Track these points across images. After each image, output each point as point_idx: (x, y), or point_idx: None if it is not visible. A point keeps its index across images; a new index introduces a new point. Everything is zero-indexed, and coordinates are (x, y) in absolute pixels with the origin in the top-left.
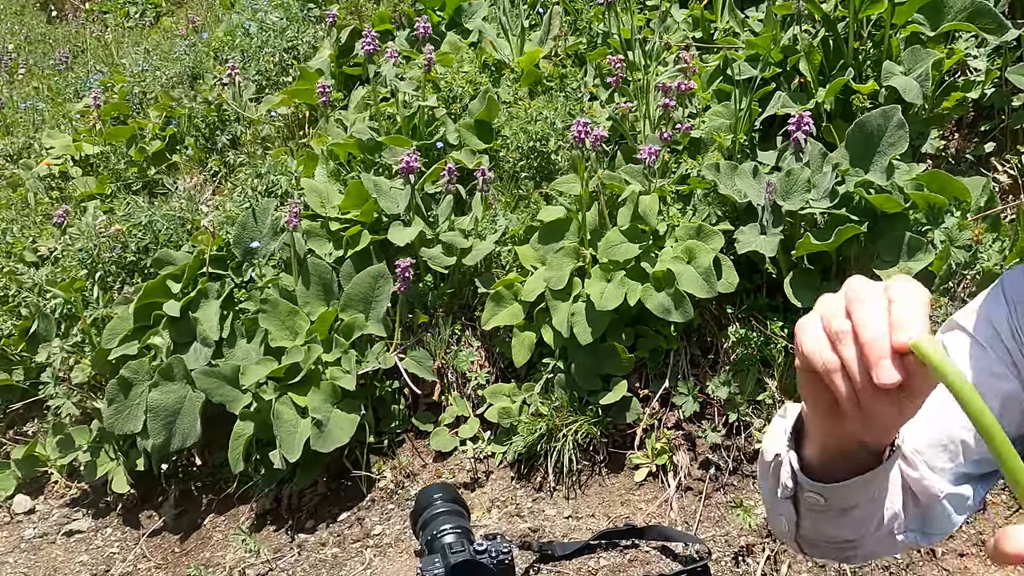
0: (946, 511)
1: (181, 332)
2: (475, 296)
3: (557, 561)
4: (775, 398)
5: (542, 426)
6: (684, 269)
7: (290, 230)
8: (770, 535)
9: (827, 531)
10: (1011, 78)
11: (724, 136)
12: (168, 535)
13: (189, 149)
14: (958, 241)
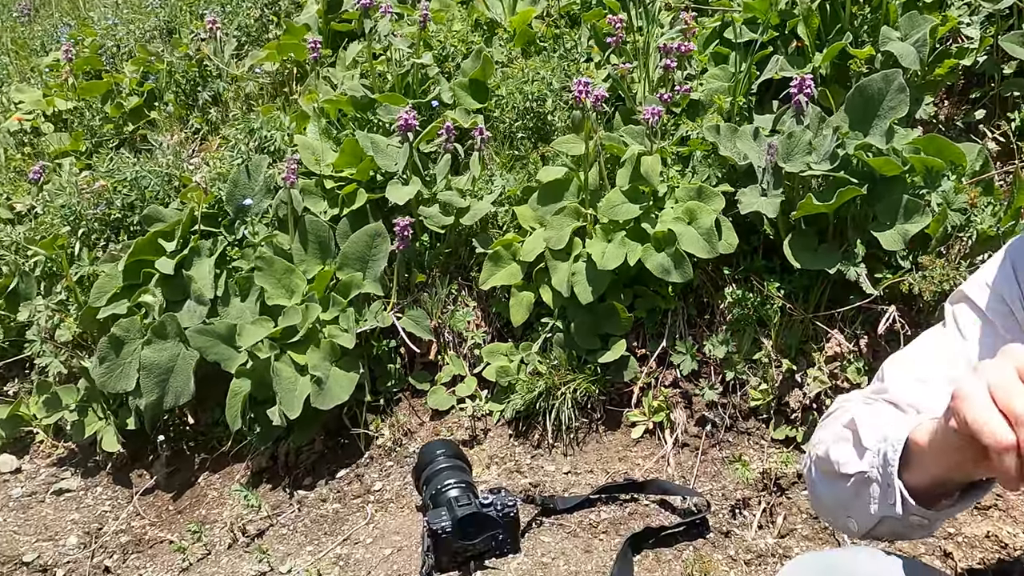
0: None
1: (173, 290)
2: (472, 256)
3: (559, 514)
4: (771, 357)
5: (540, 384)
6: (685, 230)
7: (287, 187)
8: (766, 488)
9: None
10: (1004, 45)
11: (723, 99)
12: (161, 494)
13: (169, 106)
14: (954, 204)
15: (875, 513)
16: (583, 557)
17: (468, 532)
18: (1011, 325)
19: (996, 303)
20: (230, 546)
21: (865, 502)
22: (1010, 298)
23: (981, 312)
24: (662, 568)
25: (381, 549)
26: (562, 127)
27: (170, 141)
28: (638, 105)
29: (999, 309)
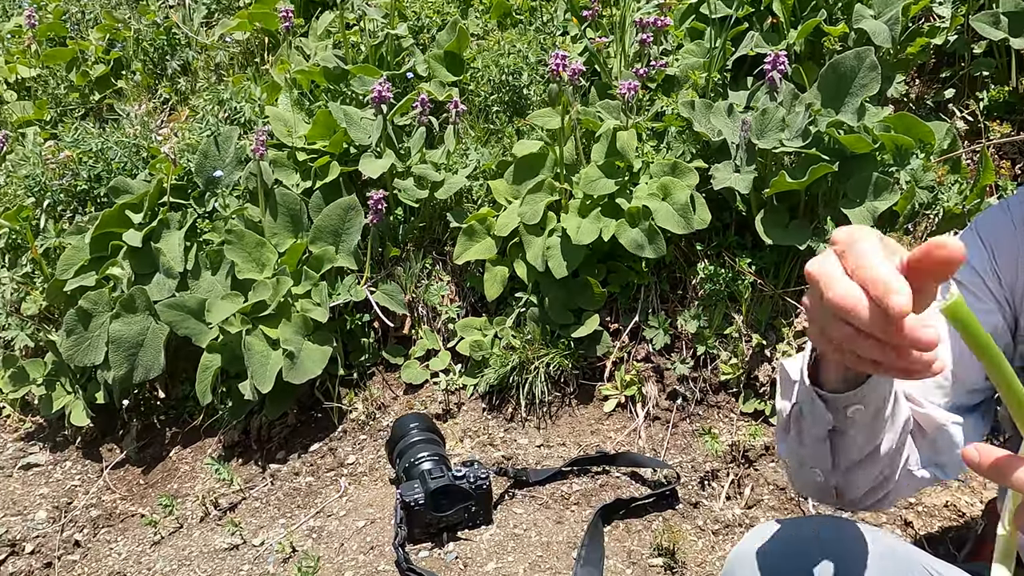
0: (952, 438)
1: (142, 263)
2: (446, 230)
3: (531, 486)
4: (741, 332)
5: (514, 359)
6: (660, 205)
7: (257, 159)
8: (734, 460)
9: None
10: (974, 25)
11: (698, 75)
12: (131, 468)
13: (136, 74)
14: (922, 182)
15: (819, 435)
16: (555, 528)
17: (441, 504)
18: (983, 289)
19: (968, 273)
20: (202, 519)
21: (809, 436)
22: (981, 267)
23: (956, 281)
24: (632, 538)
25: (354, 521)
26: (538, 101)
27: (137, 111)
28: (614, 79)
29: (971, 277)
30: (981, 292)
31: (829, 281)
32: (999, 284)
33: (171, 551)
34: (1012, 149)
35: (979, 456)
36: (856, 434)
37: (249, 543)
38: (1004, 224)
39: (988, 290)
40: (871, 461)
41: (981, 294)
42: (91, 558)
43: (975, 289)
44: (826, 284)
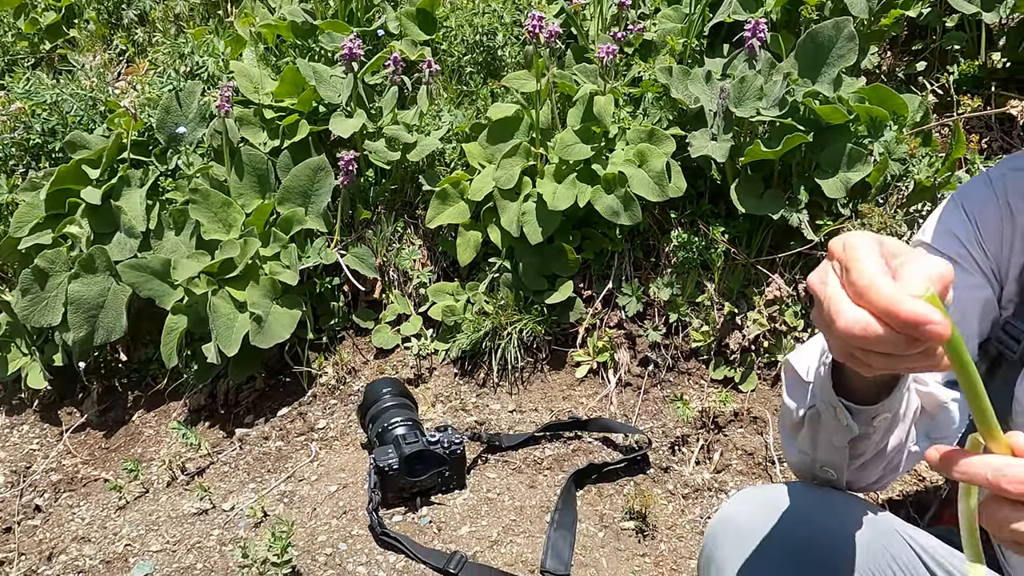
0: (951, 416)
1: (101, 221)
2: (418, 193)
3: (504, 451)
4: (713, 300)
5: (487, 324)
6: (636, 172)
7: (221, 116)
8: (704, 426)
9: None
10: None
11: (676, 40)
12: (93, 432)
13: (90, 23)
14: (895, 154)
15: (839, 443)
16: (528, 492)
17: (415, 469)
18: (970, 262)
19: (953, 244)
20: (169, 484)
21: (826, 439)
22: (965, 239)
23: (940, 253)
24: (604, 502)
25: (326, 486)
26: (513, 63)
27: (92, 62)
28: (591, 43)
29: (957, 250)
30: (969, 265)
31: (833, 307)
32: (985, 256)
33: (137, 516)
34: (980, 123)
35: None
36: (876, 436)
37: (219, 508)
38: (989, 198)
39: (975, 263)
40: (883, 455)
41: (970, 267)
42: (52, 523)
43: (963, 263)
44: (832, 311)
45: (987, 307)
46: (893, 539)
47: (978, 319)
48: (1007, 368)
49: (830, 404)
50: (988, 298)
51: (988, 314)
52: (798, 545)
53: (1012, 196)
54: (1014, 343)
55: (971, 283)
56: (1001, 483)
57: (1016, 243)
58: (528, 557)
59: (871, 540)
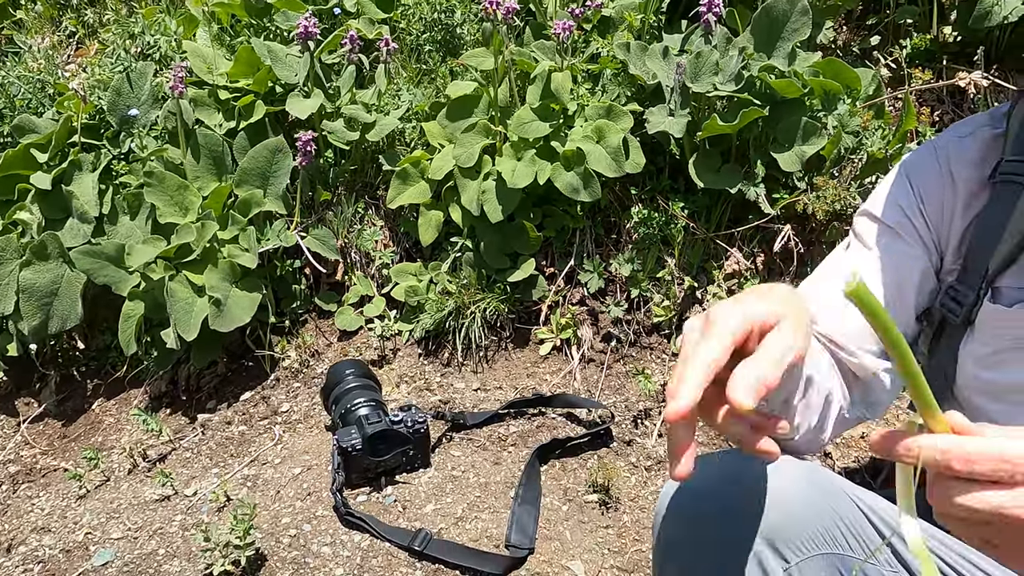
0: (883, 383)
1: (52, 207)
2: (378, 174)
3: (469, 429)
4: (674, 275)
5: (450, 304)
6: (594, 148)
7: (175, 97)
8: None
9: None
10: None
11: (634, 16)
12: (51, 422)
13: (38, 4)
14: (848, 127)
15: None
16: (492, 469)
17: (378, 449)
18: (911, 232)
19: (895, 213)
20: (130, 472)
21: None
22: (908, 207)
23: (882, 222)
24: (568, 476)
25: (290, 468)
26: (471, 40)
27: (40, 44)
28: (549, 19)
29: (899, 219)
30: (909, 235)
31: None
32: (926, 226)
33: (98, 504)
34: (931, 96)
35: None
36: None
37: (181, 494)
38: (932, 167)
39: (916, 232)
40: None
41: (909, 238)
42: (11, 514)
43: (903, 232)
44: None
45: (924, 278)
46: (840, 499)
47: (915, 291)
48: (950, 332)
49: None
50: (925, 269)
51: (926, 284)
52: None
53: (955, 164)
54: (957, 307)
55: (910, 254)
56: (951, 463)
57: (957, 210)
58: (493, 532)
59: (817, 500)
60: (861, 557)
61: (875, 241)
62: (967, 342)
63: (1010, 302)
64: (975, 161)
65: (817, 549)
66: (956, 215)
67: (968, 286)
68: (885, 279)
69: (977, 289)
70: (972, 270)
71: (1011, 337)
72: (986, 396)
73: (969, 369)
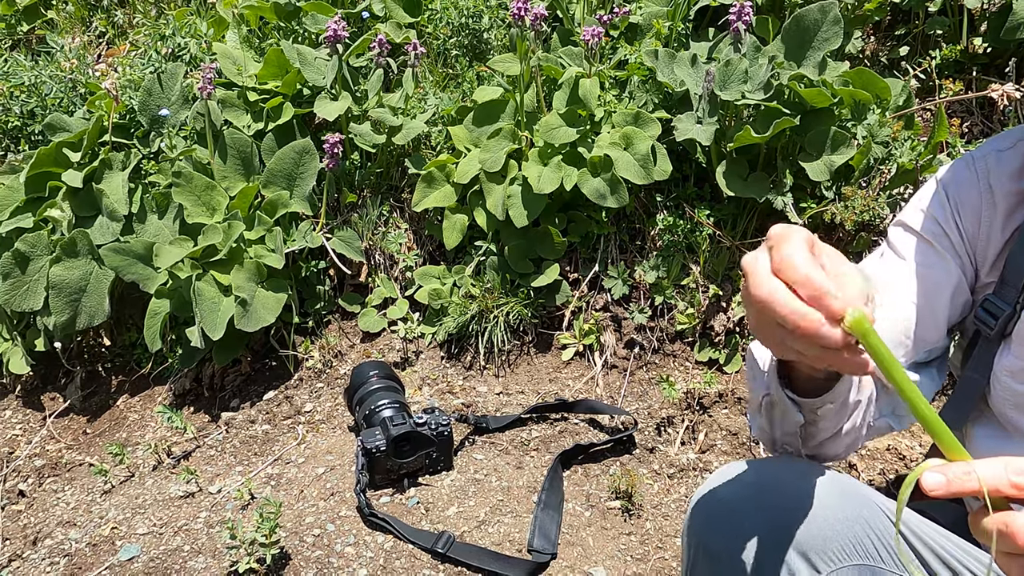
0: None
1: (83, 205)
2: (403, 177)
3: (491, 433)
4: (698, 282)
5: (473, 307)
6: (621, 155)
7: (204, 98)
8: (689, 407)
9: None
10: None
11: (662, 23)
12: (76, 417)
13: (69, 4)
14: (878, 137)
15: (790, 429)
16: (515, 473)
17: (402, 450)
18: (946, 244)
19: (931, 225)
20: (155, 468)
21: (780, 423)
22: (943, 220)
23: (917, 234)
24: (590, 482)
25: (314, 468)
26: (499, 46)
27: (72, 44)
28: (577, 26)
29: (934, 230)
30: (944, 247)
31: (751, 275)
32: (961, 238)
33: (123, 499)
34: (961, 108)
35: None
36: (825, 424)
37: (205, 491)
38: (969, 179)
39: (950, 243)
40: (838, 437)
41: (944, 250)
42: (37, 508)
43: (937, 244)
44: (749, 277)
45: (957, 291)
46: (872, 510)
47: (947, 303)
48: (985, 345)
49: (779, 394)
50: (958, 282)
51: (958, 298)
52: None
53: (994, 178)
54: (992, 320)
55: (943, 267)
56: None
57: (996, 223)
58: (515, 536)
59: (849, 511)
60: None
61: (909, 252)
62: (1002, 355)
63: None
64: (1015, 175)
65: (849, 560)
66: (995, 228)
67: (1005, 299)
68: (918, 290)
69: (1014, 303)
70: (1009, 283)
71: None
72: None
73: (1004, 382)
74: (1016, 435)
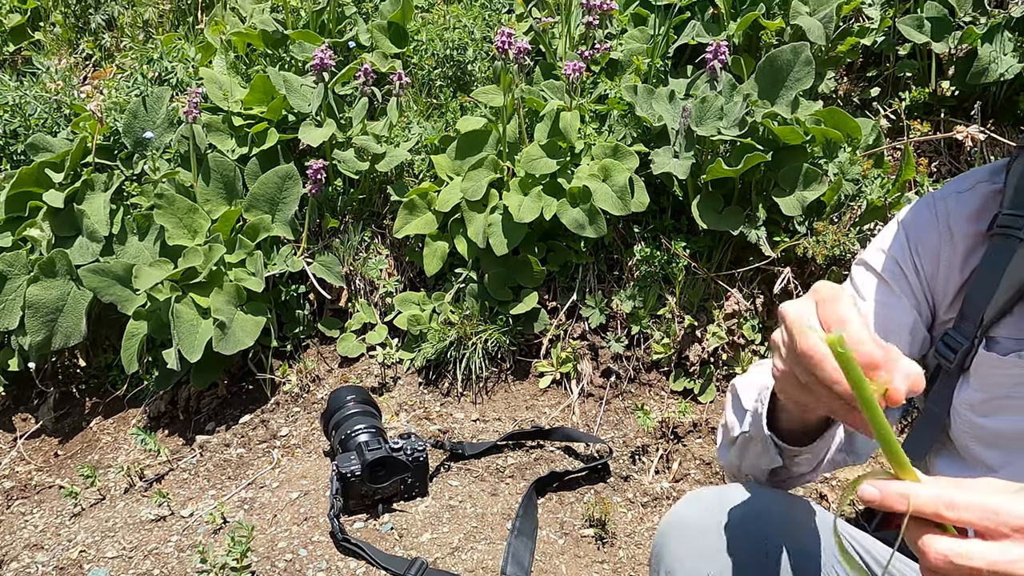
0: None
1: (63, 225)
2: (386, 203)
3: (467, 459)
4: (674, 313)
5: (452, 334)
6: (600, 187)
7: (189, 122)
8: (663, 436)
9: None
10: (900, 28)
11: (641, 60)
12: (48, 438)
13: (56, 27)
14: (848, 175)
15: (763, 467)
16: (489, 500)
17: (377, 475)
18: (903, 285)
19: (891, 265)
20: (126, 491)
21: (753, 459)
22: (903, 261)
23: (877, 274)
24: (565, 510)
25: (288, 493)
26: (482, 77)
27: (58, 65)
28: (559, 60)
29: (893, 271)
30: (899, 286)
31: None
32: (919, 279)
33: (93, 523)
34: (929, 148)
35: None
36: (799, 469)
37: (177, 514)
38: (929, 220)
39: (908, 284)
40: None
41: (899, 288)
42: (4, 530)
43: (895, 284)
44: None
45: (915, 329)
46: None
47: (906, 340)
48: (945, 379)
49: (761, 435)
50: (915, 320)
51: (916, 335)
52: (744, 542)
53: (953, 220)
54: (951, 353)
55: (899, 306)
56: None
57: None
58: (488, 564)
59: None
60: None
61: (870, 291)
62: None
63: (1005, 351)
64: (973, 216)
65: None
66: (954, 268)
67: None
68: (876, 326)
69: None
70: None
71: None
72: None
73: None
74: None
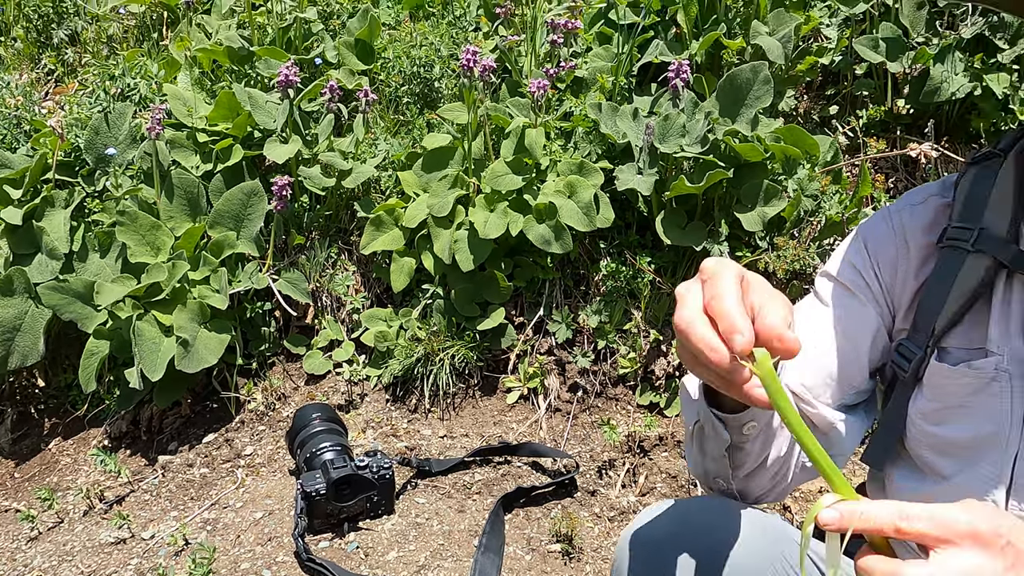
0: (841, 435)
1: (21, 242)
2: (352, 220)
3: (434, 476)
4: (640, 327)
5: (419, 350)
6: (565, 203)
7: (152, 138)
8: (630, 450)
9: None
10: (856, 48)
11: (606, 78)
12: (4, 460)
13: (17, 42)
14: (807, 191)
15: (718, 454)
16: (456, 517)
17: (343, 494)
18: (865, 293)
19: (852, 274)
20: (86, 513)
21: (711, 450)
22: (863, 269)
23: (840, 283)
24: (532, 525)
25: (252, 512)
26: (449, 95)
27: (18, 80)
28: (524, 78)
29: (854, 279)
30: (863, 294)
31: (680, 304)
32: (879, 287)
33: (50, 547)
34: (886, 164)
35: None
36: (752, 447)
37: (138, 536)
38: (886, 232)
39: (870, 292)
40: (764, 467)
41: (863, 296)
42: None
43: (857, 291)
44: (678, 306)
45: (877, 335)
46: (790, 546)
47: (868, 347)
48: (900, 388)
49: (707, 415)
50: (877, 327)
51: (879, 341)
52: (701, 555)
53: (908, 231)
54: (906, 363)
55: (862, 312)
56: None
57: (910, 273)
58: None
59: (769, 547)
60: None
61: (832, 300)
62: (916, 398)
63: (955, 361)
64: (926, 228)
65: None
66: (909, 277)
67: (916, 344)
68: (839, 334)
69: (924, 347)
70: (920, 329)
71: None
72: (934, 450)
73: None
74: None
